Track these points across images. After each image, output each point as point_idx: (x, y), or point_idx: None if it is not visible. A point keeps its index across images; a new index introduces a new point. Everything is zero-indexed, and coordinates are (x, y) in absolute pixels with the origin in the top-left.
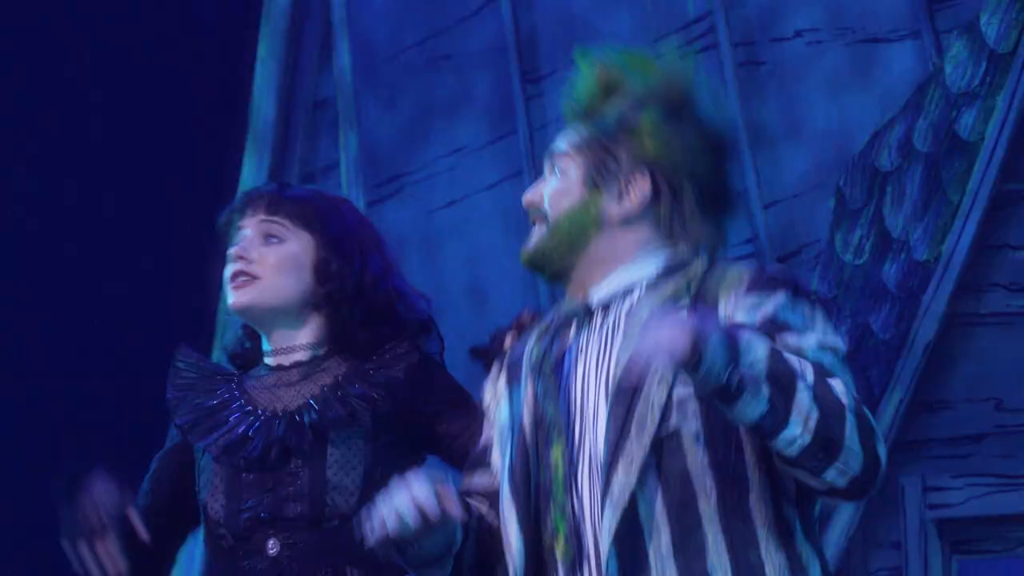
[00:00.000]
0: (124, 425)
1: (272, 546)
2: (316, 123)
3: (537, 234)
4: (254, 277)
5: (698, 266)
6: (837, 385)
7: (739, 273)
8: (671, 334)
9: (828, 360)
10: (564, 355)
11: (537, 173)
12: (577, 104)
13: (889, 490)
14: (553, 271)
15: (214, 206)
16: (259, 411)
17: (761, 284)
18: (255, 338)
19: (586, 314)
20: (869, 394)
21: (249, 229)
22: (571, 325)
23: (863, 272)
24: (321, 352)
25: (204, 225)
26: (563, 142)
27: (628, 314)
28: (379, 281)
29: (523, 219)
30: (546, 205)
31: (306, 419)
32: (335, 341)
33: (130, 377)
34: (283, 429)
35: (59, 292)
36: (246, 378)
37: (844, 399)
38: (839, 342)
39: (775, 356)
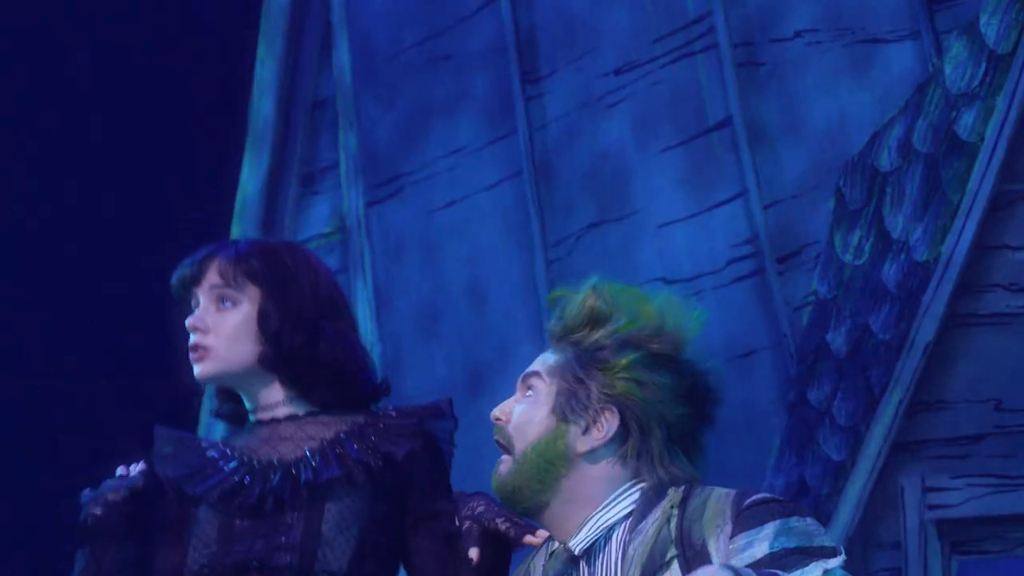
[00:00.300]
0: (124, 425)
1: None
2: (316, 123)
3: (505, 467)
4: (208, 348)
5: (674, 498)
6: None
7: (720, 507)
8: None
9: None
10: None
11: (537, 173)
12: (561, 328)
13: (889, 490)
14: (525, 507)
15: (214, 206)
16: (255, 462)
17: (746, 521)
18: (232, 397)
19: (572, 564)
20: (869, 394)
21: (202, 296)
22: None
23: (863, 272)
24: (317, 407)
25: (204, 225)
26: (539, 364)
27: (617, 567)
28: (326, 336)
29: (523, 219)
30: (511, 429)
31: (302, 476)
32: (309, 399)
33: (130, 377)
34: (279, 480)
35: (59, 292)
36: (234, 439)
37: None
38: (836, 554)
39: None
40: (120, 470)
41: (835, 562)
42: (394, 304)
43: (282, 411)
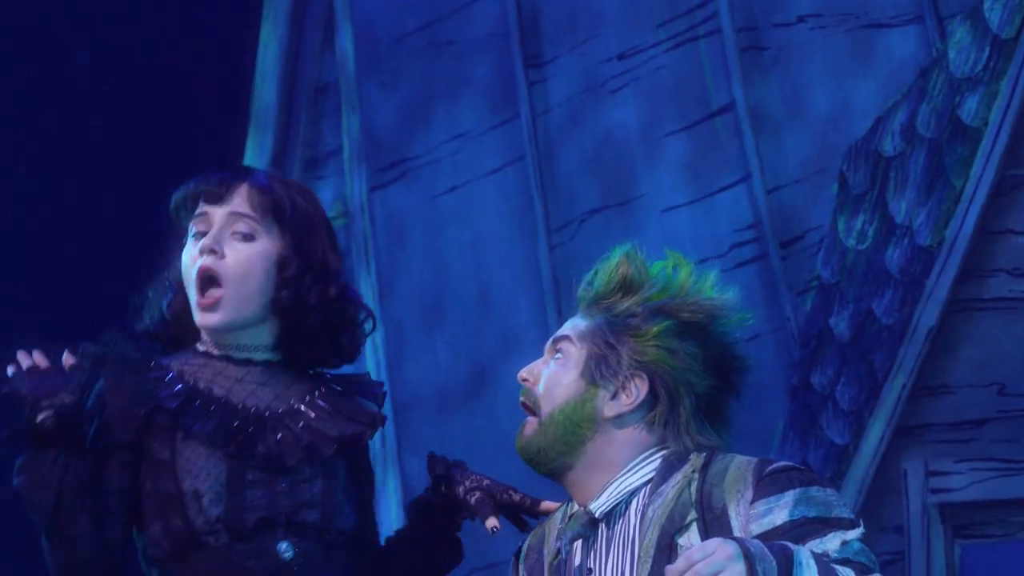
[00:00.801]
0: None
1: (285, 550)
2: (318, 108)
3: (531, 428)
4: (220, 286)
5: (696, 463)
6: None
7: (741, 472)
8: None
9: (854, 550)
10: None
11: (540, 158)
12: (592, 294)
13: (892, 475)
14: (548, 469)
15: None
16: (240, 405)
17: (767, 488)
18: (181, 318)
19: (591, 526)
20: (872, 379)
21: (218, 218)
22: (578, 538)
23: (866, 257)
24: (280, 356)
25: None
26: (569, 328)
27: (636, 529)
28: (336, 288)
29: (526, 204)
30: (540, 390)
31: (332, 432)
32: (284, 344)
33: None
34: (309, 438)
35: (59, 292)
36: (176, 361)
37: None
38: (854, 525)
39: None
40: (36, 357)
41: (853, 534)
42: (397, 289)
43: (254, 355)
